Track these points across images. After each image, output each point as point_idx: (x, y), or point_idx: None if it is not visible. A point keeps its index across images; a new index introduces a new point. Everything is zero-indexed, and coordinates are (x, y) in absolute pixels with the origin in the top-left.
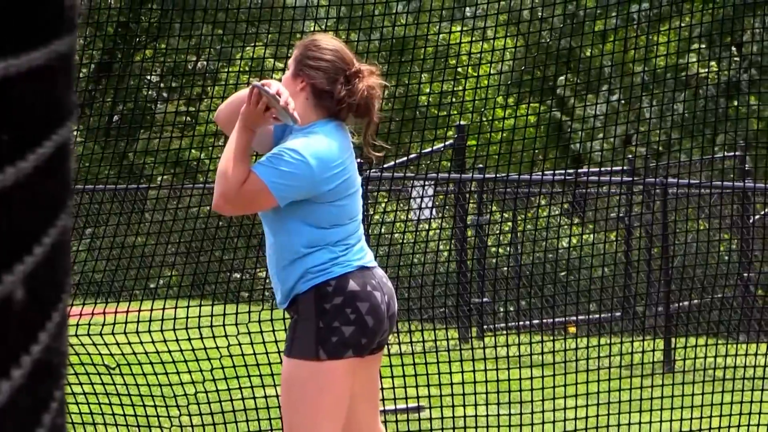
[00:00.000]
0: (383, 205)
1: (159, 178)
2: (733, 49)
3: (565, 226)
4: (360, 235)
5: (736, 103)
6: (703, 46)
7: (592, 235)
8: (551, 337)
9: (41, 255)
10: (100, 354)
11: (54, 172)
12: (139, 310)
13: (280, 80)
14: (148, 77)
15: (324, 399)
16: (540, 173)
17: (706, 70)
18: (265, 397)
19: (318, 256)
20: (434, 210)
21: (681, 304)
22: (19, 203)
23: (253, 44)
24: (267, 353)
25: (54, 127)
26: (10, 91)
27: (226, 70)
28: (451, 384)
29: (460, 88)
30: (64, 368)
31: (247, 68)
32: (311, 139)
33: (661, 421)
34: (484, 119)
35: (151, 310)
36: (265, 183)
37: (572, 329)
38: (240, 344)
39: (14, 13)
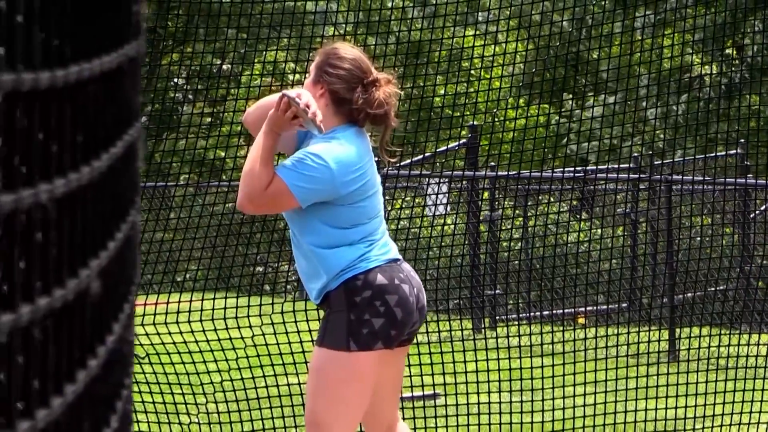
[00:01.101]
0: (400, 201)
1: (184, 177)
2: (731, 51)
3: (573, 222)
4: (384, 231)
5: (736, 103)
6: (705, 49)
7: (599, 230)
8: (560, 328)
9: (114, 250)
10: None
11: (124, 171)
12: (168, 302)
13: (301, 84)
14: (175, 80)
15: (349, 389)
16: (549, 171)
17: (708, 72)
18: (288, 385)
19: (343, 253)
20: (448, 206)
21: (685, 295)
22: (93, 201)
23: (275, 48)
24: (290, 343)
25: (124, 127)
26: (84, 94)
27: (248, 73)
28: (465, 372)
29: (473, 89)
30: (132, 357)
31: (267, 71)
32: (332, 145)
33: (666, 408)
34: (496, 119)
35: (179, 302)
36: (288, 185)
37: (581, 320)
38: (264, 335)
39: (88, 20)
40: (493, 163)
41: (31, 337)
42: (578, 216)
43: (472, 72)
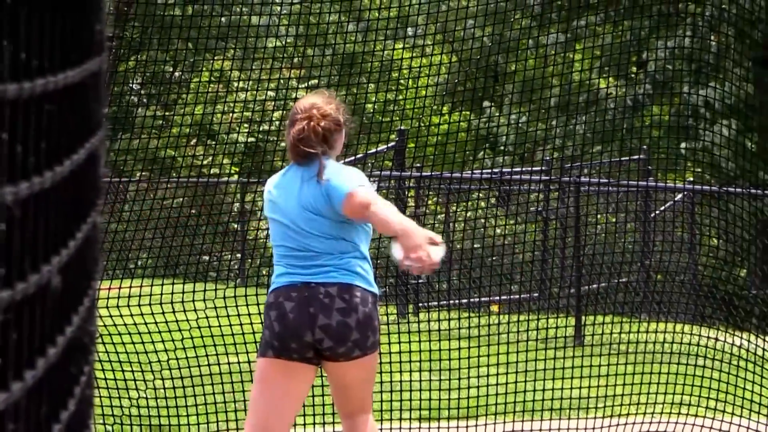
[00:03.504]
0: None
1: (138, 173)
2: (633, 68)
3: (491, 218)
4: (302, 257)
5: (640, 113)
6: (611, 63)
7: (514, 226)
8: (477, 314)
9: (74, 248)
10: None
11: (86, 176)
12: (120, 288)
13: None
14: (130, 85)
15: (254, 389)
16: (470, 172)
17: (615, 84)
18: (228, 363)
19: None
20: None
21: (590, 286)
22: (55, 203)
23: (222, 58)
24: (231, 325)
25: (87, 136)
26: (50, 105)
27: (197, 80)
28: (390, 353)
29: (401, 97)
30: (94, 345)
31: (215, 78)
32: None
33: (571, 388)
34: (422, 124)
35: (130, 287)
36: None
37: (495, 307)
38: (207, 318)
39: (54, 36)
40: (418, 165)
41: None
42: (495, 213)
43: (401, 81)
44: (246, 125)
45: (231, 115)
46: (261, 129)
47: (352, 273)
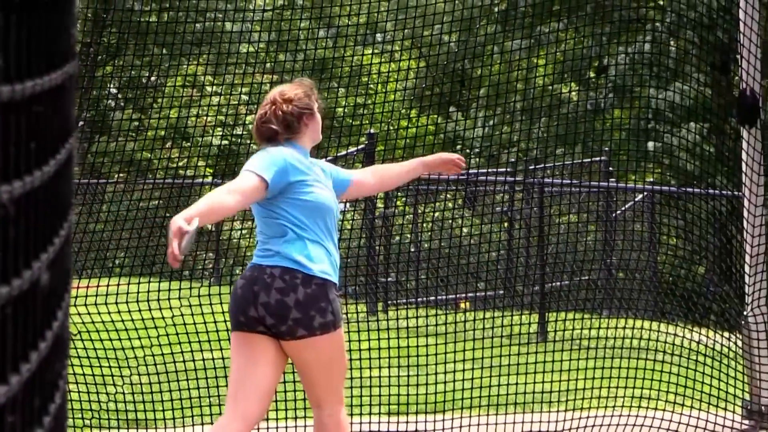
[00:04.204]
0: None
1: (115, 175)
2: (593, 73)
3: (458, 218)
4: (265, 240)
5: (602, 117)
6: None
7: (480, 226)
8: (444, 311)
9: (59, 244)
10: None
11: (65, 175)
12: (98, 286)
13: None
14: (108, 89)
15: (231, 367)
16: (437, 173)
17: (576, 89)
18: (203, 360)
19: None
20: (347, 204)
21: (554, 284)
22: (41, 202)
23: (196, 63)
24: (205, 323)
25: (66, 136)
26: (36, 107)
27: (171, 84)
28: (360, 350)
29: (371, 101)
30: (69, 341)
31: (189, 83)
32: None
33: (535, 383)
34: (391, 128)
35: (108, 285)
36: None
37: (463, 305)
38: (183, 315)
39: (38, 43)
40: None
41: None
42: (462, 214)
43: (371, 86)
44: (219, 128)
45: (205, 118)
46: (234, 132)
47: (292, 257)
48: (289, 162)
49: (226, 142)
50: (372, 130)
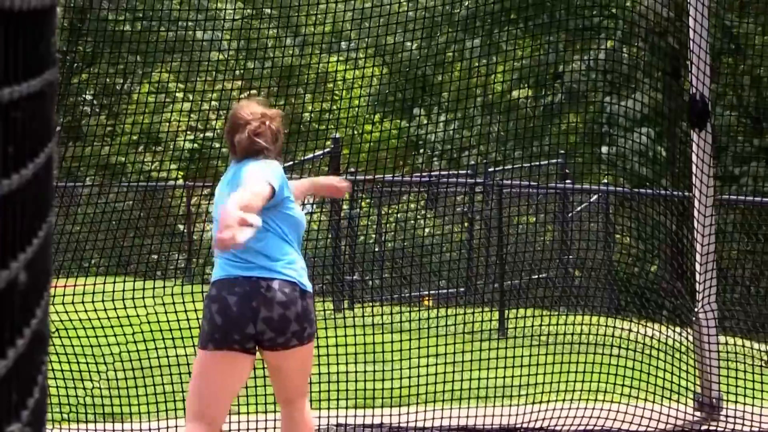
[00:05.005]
0: None
1: (90, 178)
2: (550, 78)
3: (420, 218)
4: (240, 253)
5: (558, 121)
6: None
7: (442, 226)
8: (408, 308)
9: (37, 245)
10: None
11: (45, 178)
12: (75, 285)
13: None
14: (84, 96)
15: (195, 381)
16: (400, 175)
17: (533, 94)
18: (177, 356)
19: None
20: (314, 205)
21: (512, 281)
22: (21, 204)
23: (168, 70)
24: (178, 321)
25: (45, 140)
26: (16, 112)
27: (144, 91)
28: (327, 346)
29: (336, 107)
30: (49, 338)
31: (161, 89)
32: None
33: (496, 378)
34: (355, 132)
35: (84, 284)
36: None
37: (426, 302)
38: (156, 313)
39: (18, 50)
40: (352, 169)
41: None
42: (424, 214)
43: (336, 92)
44: (190, 133)
45: (177, 124)
46: (204, 136)
47: (289, 270)
48: (284, 177)
49: (196, 146)
50: (337, 135)
